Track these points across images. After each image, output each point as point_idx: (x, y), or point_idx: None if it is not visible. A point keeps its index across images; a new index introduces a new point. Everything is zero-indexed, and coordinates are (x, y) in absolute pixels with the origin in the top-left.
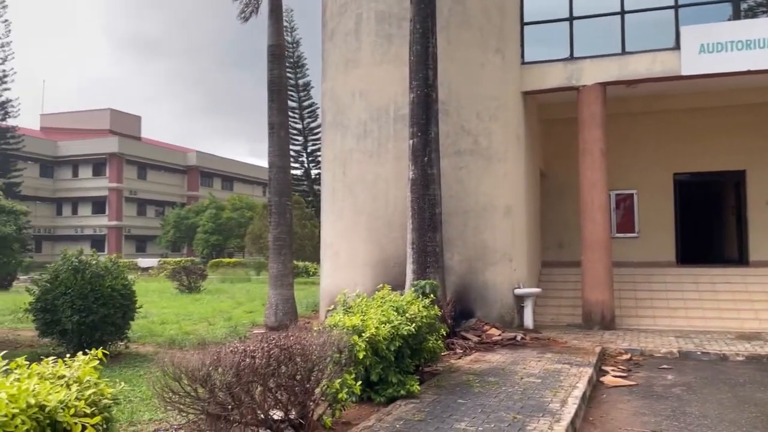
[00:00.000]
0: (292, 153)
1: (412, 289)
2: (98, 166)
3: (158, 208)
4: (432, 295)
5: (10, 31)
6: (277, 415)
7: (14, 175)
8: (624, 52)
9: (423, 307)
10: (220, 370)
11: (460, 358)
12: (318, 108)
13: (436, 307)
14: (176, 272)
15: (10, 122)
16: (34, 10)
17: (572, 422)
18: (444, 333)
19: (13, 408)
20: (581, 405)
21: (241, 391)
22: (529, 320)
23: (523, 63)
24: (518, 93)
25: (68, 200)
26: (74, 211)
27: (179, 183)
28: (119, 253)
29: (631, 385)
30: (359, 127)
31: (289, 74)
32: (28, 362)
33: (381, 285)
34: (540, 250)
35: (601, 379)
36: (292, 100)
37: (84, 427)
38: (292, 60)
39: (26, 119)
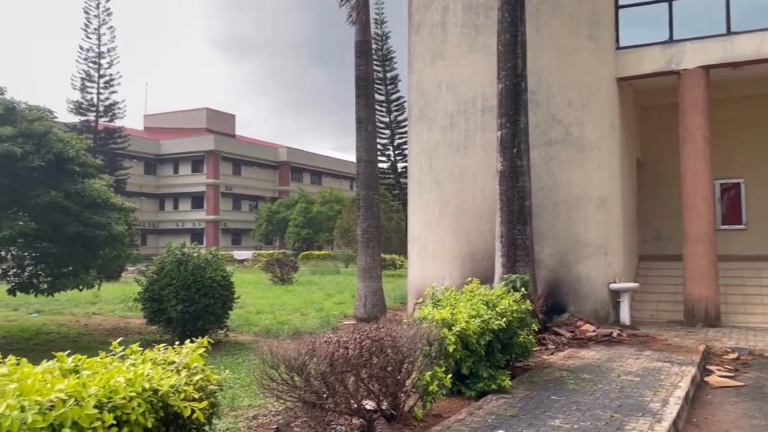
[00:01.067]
0: (378, 146)
1: (502, 283)
2: (196, 163)
3: (252, 202)
4: (523, 290)
5: (115, 36)
6: (369, 405)
7: (122, 173)
8: (729, 33)
9: (513, 301)
10: (314, 359)
11: (552, 354)
12: (405, 101)
13: (527, 301)
14: (270, 264)
15: (117, 123)
16: (137, 15)
17: (674, 423)
18: (535, 328)
19: (130, 391)
20: (684, 405)
21: (335, 381)
22: (625, 316)
23: (618, 48)
24: (612, 79)
25: (170, 196)
26: (175, 206)
27: (271, 178)
28: (217, 246)
29: (738, 386)
30: (446, 120)
31: (377, 68)
32: (141, 348)
33: (469, 278)
34: (637, 243)
35: (706, 379)
36: (380, 94)
37: (192, 411)
38: (380, 53)
39: (131, 120)
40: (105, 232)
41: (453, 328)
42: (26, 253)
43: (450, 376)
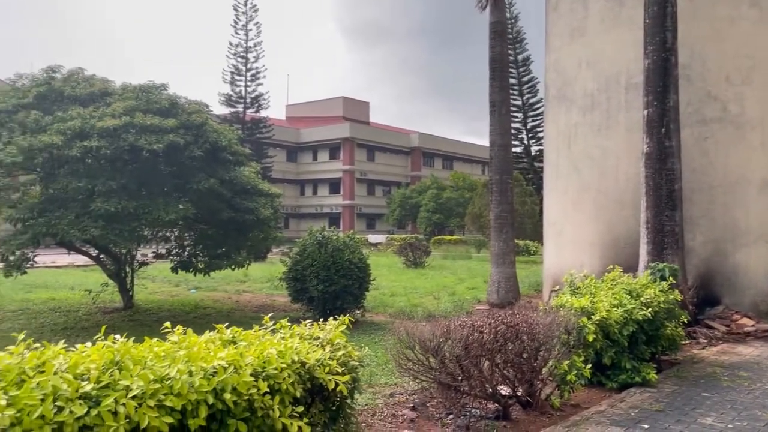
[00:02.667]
0: (511, 130)
1: (648, 271)
2: (333, 150)
3: (385, 188)
4: (671, 279)
5: (260, 31)
6: (504, 390)
7: (267, 161)
8: None
9: (660, 291)
10: (449, 342)
11: (703, 349)
12: (538, 83)
13: (675, 291)
14: (403, 248)
15: (262, 114)
16: (276, 10)
17: None
18: (684, 320)
19: (281, 363)
20: None
21: (470, 364)
22: None
23: None
24: None
25: (309, 182)
26: (314, 192)
27: (403, 164)
28: (353, 230)
29: None
30: (586, 99)
31: (508, 50)
32: (290, 324)
33: (611, 266)
34: None
35: None
36: (512, 77)
37: (336, 384)
38: (511, 36)
39: (274, 110)
40: (253, 216)
41: (593, 316)
42: (186, 235)
43: (589, 366)
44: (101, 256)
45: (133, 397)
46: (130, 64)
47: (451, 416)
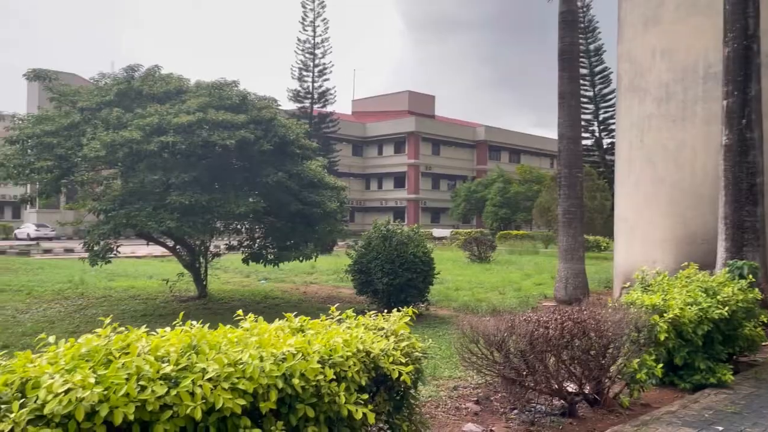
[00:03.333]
0: (582, 122)
1: (726, 269)
2: (399, 144)
3: (450, 182)
4: (750, 277)
5: (328, 28)
6: (570, 387)
7: (333, 155)
8: None
9: (739, 289)
10: (514, 337)
11: None
12: (610, 73)
13: (755, 290)
14: (468, 242)
15: (329, 109)
16: (342, 5)
17: None
18: (765, 320)
19: (347, 351)
20: None
21: (535, 360)
22: None
23: None
24: None
25: (374, 176)
26: (379, 186)
27: (469, 157)
28: (418, 224)
29: None
30: (660, 90)
31: (579, 40)
32: (355, 314)
33: (685, 263)
34: None
35: None
36: (583, 67)
37: (400, 374)
38: (582, 25)
39: (340, 105)
40: (320, 209)
41: (665, 314)
42: (257, 227)
43: (661, 365)
44: (177, 246)
45: (209, 380)
46: (202, 60)
47: (515, 411)
